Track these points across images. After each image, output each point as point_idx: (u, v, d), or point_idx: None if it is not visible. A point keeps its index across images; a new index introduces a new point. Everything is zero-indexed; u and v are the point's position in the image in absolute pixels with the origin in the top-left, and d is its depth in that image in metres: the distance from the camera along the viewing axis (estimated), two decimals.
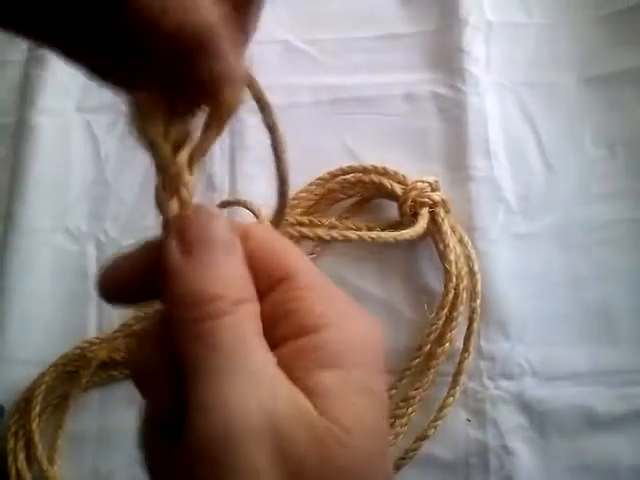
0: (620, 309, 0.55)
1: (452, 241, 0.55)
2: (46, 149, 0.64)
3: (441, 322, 0.54)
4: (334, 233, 0.55)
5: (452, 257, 0.54)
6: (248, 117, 0.64)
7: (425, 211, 0.56)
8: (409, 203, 0.55)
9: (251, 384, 0.23)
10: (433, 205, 0.56)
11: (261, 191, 0.61)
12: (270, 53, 0.66)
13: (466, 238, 0.56)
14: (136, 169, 0.64)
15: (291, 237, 0.57)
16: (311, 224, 0.58)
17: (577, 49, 0.63)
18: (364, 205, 0.60)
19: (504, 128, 0.61)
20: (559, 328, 0.55)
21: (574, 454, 0.52)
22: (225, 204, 0.57)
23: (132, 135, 0.26)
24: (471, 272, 0.55)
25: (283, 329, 0.26)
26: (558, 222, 0.58)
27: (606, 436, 0.52)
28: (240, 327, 0.24)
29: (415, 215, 0.56)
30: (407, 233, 0.54)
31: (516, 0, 0.65)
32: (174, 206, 0.27)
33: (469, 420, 0.53)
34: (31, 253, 0.61)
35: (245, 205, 0.57)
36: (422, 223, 0.55)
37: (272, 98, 0.65)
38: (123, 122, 0.66)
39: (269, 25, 0.67)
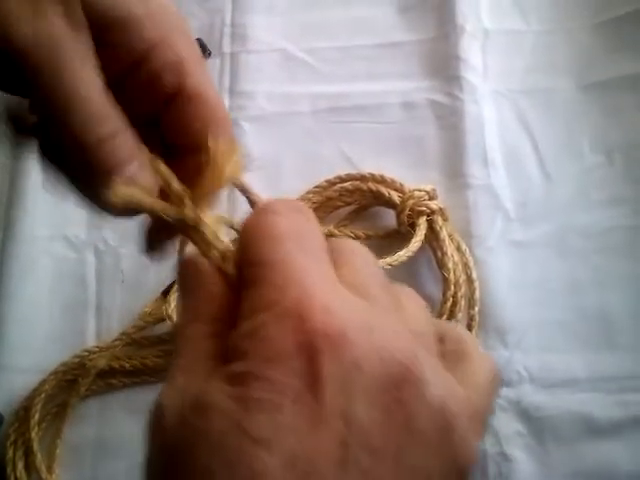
0: (618, 316, 0.55)
1: (450, 249, 0.55)
2: None
3: None
4: None
5: (450, 265, 0.54)
6: (246, 124, 0.64)
7: (423, 221, 0.55)
8: (407, 212, 0.56)
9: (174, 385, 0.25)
10: (431, 213, 0.56)
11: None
12: (268, 62, 0.66)
13: (464, 246, 0.56)
14: None
15: None
16: None
17: (574, 56, 0.63)
18: (362, 213, 0.60)
19: (501, 135, 0.61)
20: (557, 335, 0.55)
21: (572, 461, 0.52)
22: None
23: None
24: (469, 280, 0.55)
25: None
26: (556, 229, 0.58)
27: (604, 442, 0.52)
28: (187, 341, 0.27)
29: (413, 225, 0.56)
30: (403, 256, 0.54)
31: (513, 7, 0.65)
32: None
33: None
34: (30, 261, 0.61)
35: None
36: (419, 236, 0.55)
37: (271, 106, 0.66)
38: None
39: (267, 34, 0.67)
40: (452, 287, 0.54)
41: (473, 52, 0.63)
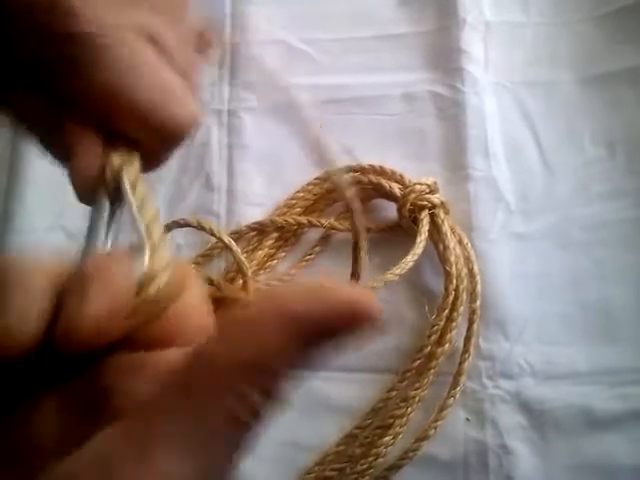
0: (619, 308, 0.55)
1: (452, 243, 0.55)
2: None
3: (442, 323, 0.54)
4: None
5: (452, 259, 0.54)
6: (245, 115, 0.64)
7: (425, 217, 0.55)
8: (408, 207, 0.55)
9: None
10: (432, 207, 0.55)
11: (259, 190, 0.61)
12: (269, 53, 0.66)
13: (466, 239, 0.56)
14: None
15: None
16: (310, 224, 0.58)
17: (575, 48, 0.63)
18: (363, 205, 0.60)
19: (503, 128, 0.61)
20: (558, 328, 0.55)
21: (573, 453, 0.52)
22: (174, 225, 0.56)
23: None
24: (471, 273, 0.55)
25: None
26: (557, 222, 0.58)
27: (605, 435, 0.52)
28: None
29: (414, 219, 0.56)
30: (409, 261, 0.53)
31: (514, 0, 0.65)
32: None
33: (468, 420, 0.53)
34: (29, 253, 0.61)
35: (198, 225, 0.56)
36: (423, 234, 0.54)
37: (271, 98, 0.65)
38: None
39: (267, 25, 0.66)
40: (454, 281, 0.54)
41: (475, 44, 0.63)
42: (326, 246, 0.60)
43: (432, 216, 0.56)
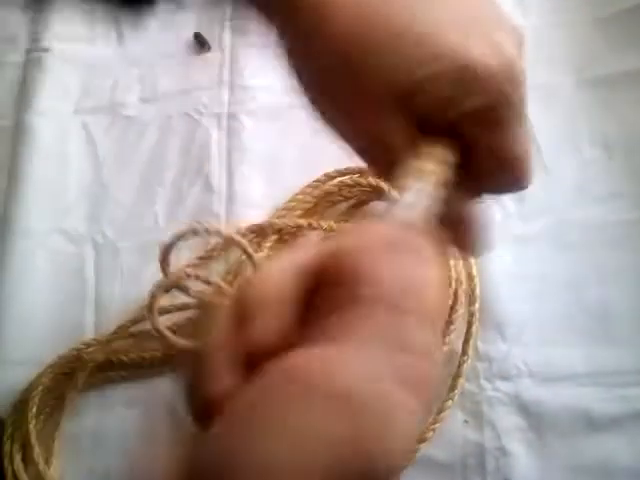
0: (618, 310, 0.55)
1: None
2: (43, 151, 0.64)
3: None
4: None
5: (451, 261, 0.54)
6: (245, 118, 0.64)
7: None
8: None
9: None
10: None
11: (258, 192, 0.62)
12: (268, 55, 0.66)
13: None
14: (133, 170, 0.64)
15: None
16: (310, 227, 0.58)
17: (574, 51, 0.63)
18: (362, 207, 0.60)
19: None
20: (557, 329, 0.55)
21: (571, 455, 0.51)
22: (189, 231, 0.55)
23: None
24: (469, 276, 0.55)
25: None
26: (555, 223, 0.58)
27: (604, 437, 0.52)
28: None
29: None
30: None
31: (513, 1, 0.65)
32: None
33: (466, 421, 0.53)
34: (28, 255, 0.61)
35: (207, 231, 0.55)
36: None
37: (271, 100, 0.65)
38: (120, 123, 0.66)
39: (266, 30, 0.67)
40: (453, 283, 0.54)
41: None
42: None
43: None
